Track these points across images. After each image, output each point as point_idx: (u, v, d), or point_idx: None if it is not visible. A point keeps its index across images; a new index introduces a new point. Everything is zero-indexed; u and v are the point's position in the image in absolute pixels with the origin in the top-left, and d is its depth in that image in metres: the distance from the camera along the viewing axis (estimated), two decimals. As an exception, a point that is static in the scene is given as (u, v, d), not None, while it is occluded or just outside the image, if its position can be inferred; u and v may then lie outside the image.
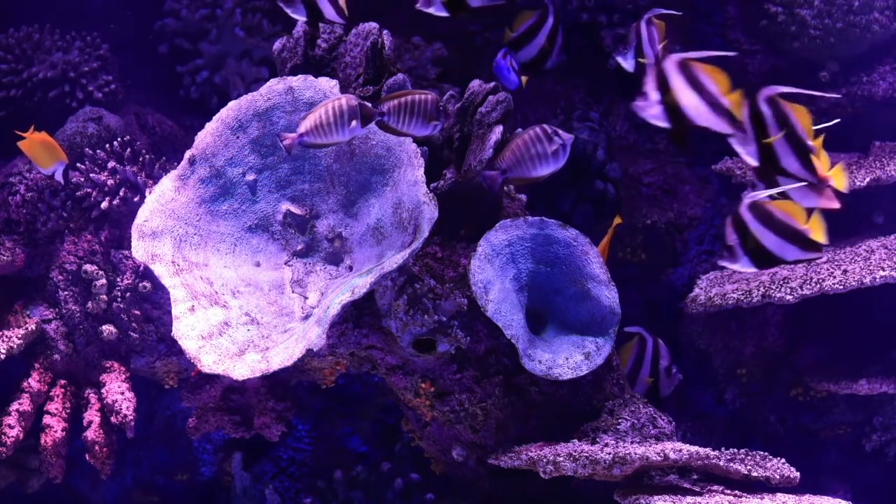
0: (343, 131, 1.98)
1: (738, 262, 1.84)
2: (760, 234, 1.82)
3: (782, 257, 1.83)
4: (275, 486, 2.79)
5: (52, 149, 2.37)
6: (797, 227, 1.82)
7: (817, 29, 2.77)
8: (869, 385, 2.50)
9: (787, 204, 1.84)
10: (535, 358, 2.20)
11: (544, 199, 2.77)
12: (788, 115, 1.83)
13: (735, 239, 1.83)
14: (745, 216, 1.82)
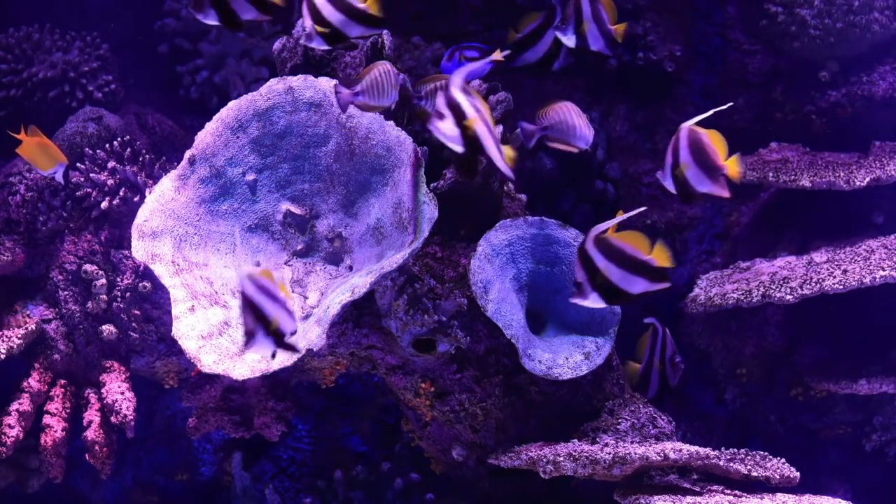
0: (391, 95, 1.98)
1: (588, 298, 1.83)
2: (607, 270, 1.80)
3: (630, 291, 1.82)
4: (275, 485, 2.79)
5: (51, 151, 2.36)
6: (642, 259, 1.81)
7: (817, 29, 2.77)
8: (869, 385, 2.50)
9: (631, 235, 1.82)
10: (535, 358, 2.20)
11: (544, 199, 2.77)
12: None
13: (583, 275, 1.81)
14: (591, 252, 1.80)
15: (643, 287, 1.82)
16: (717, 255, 2.93)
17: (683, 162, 1.87)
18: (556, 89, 3.00)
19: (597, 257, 1.80)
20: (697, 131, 1.87)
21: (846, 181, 2.53)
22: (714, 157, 1.86)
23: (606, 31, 2.14)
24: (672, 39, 2.94)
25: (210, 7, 1.91)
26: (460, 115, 1.75)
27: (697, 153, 1.87)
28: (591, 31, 2.12)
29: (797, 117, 2.88)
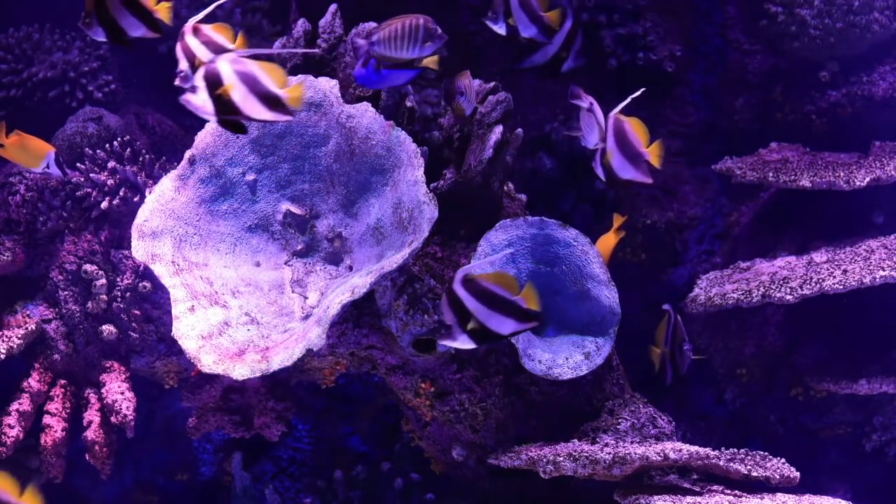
0: (412, 49, 1.96)
1: (457, 339, 1.83)
2: (476, 310, 1.80)
3: (499, 332, 1.82)
4: (275, 485, 2.79)
5: (33, 145, 2.33)
6: (511, 299, 1.81)
7: (817, 29, 2.77)
8: (869, 385, 2.50)
9: (500, 276, 1.83)
10: (535, 358, 2.20)
11: (544, 199, 2.77)
12: None
13: (451, 317, 1.81)
14: (460, 293, 1.79)
15: (512, 328, 1.83)
16: (717, 255, 2.93)
17: (609, 149, 1.89)
18: (556, 89, 3.00)
19: (466, 298, 1.79)
20: (621, 119, 1.88)
21: (846, 181, 2.52)
22: (636, 144, 1.87)
23: (538, 18, 2.13)
24: (672, 39, 2.94)
25: (97, 24, 1.88)
26: (216, 83, 1.74)
27: (621, 141, 1.88)
28: (520, 18, 2.11)
29: (797, 117, 2.88)
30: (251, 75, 1.76)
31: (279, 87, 1.78)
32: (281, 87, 1.79)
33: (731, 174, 2.74)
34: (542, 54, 2.29)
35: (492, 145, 2.23)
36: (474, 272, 1.80)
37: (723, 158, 2.79)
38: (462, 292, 1.79)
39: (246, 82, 1.76)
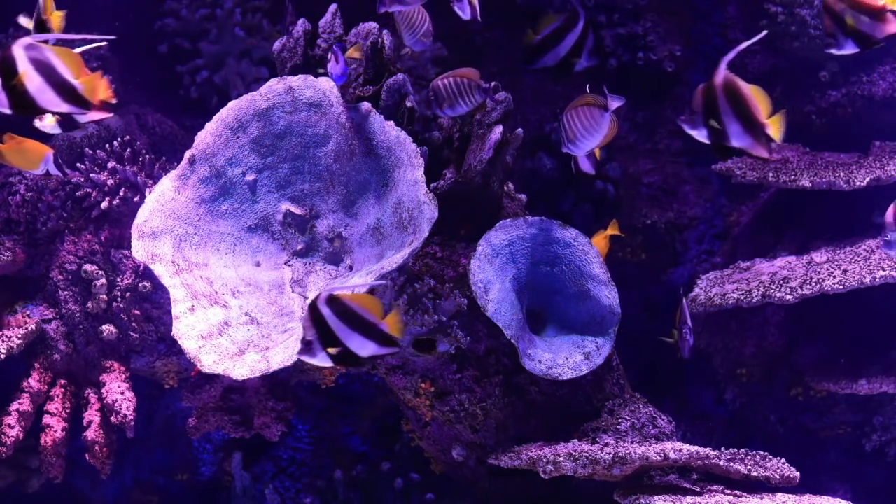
0: None
1: (316, 357, 1.83)
2: (337, 329, 1.80)
3: (360, 354, 1.82)
4: (275, 485, 2.79)
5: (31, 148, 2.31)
6: (374, 322, 1.81)
7: (817, 29, 2.77)
8: (869, 385, 2.50)
9: (366, 298, 1.83)
10: (535, 358, 2.20)
11: (544, 199, 2.77)
12: None
13: (314, 335, 1.81)
14: (323, 311, 1.80)
15: (372, 350, 1.82)
16: (717, 255, 2.93)
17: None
18: (556, 89, 3.00)
19: (329, 317, 1.80)
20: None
21: (846, 181, 2.52)
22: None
23: None
24: (672, 39, 2.94)
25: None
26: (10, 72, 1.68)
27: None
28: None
29: (797, 117, 2.88)
30: (47, 63, 1.69)
31: (75, 77, 1.71)
32: (77, 76, 1.72)
33: (731, 174, 2.74)
34: (553, 55, 2.29)
35: (492, 145, 2.23)
36: (341, 291, 1.82)
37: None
38: (326, 310, 1.80)
39: (42, 71, 1.69)
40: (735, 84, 1.79)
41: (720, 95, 1.81)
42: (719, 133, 1.85)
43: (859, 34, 1.87)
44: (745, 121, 1.82)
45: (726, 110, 1.83)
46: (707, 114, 1.85)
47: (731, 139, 1.83)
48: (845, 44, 1.89)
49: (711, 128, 1.86)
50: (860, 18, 1.88)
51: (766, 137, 1.82)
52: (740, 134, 1.83)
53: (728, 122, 1.84)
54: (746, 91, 1.80)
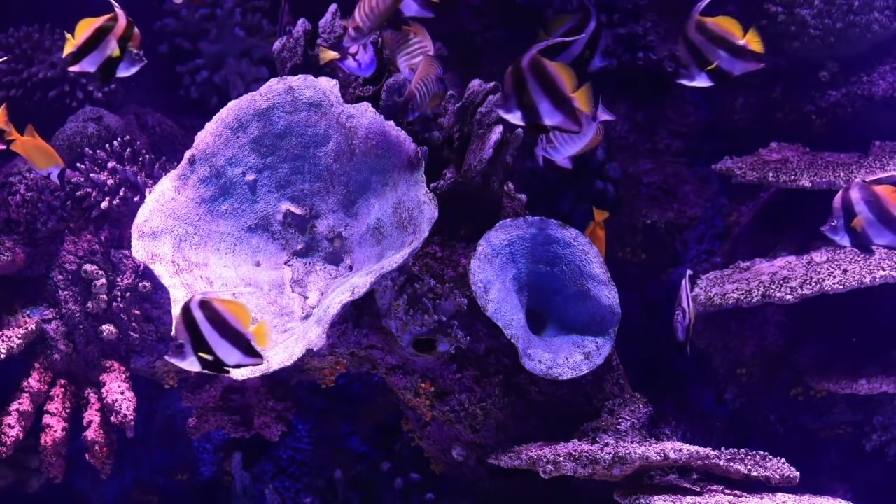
0: None
1: (186, 360, 1.84)
2: (208, 335, 1.82)
3: (227, 361, 1.84)
4: (275, 485, 2.79)
5: (48, 152, 2.35)
6: (240, 331, 1.83)
7: (817, 29, 2.77)
8: (869, 385, 2.50)
9: (235, 305, 1.85)
10: (535, 358, 2.20)
11: (544, 199, 2.77)
12: None
13: (185, 336, 1.82)
14: (196, 314, 1.81)
15: (237, 360, 1.84)
16: (717, 255, 2.93)
17: None
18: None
19: (200, 321, 1.81)
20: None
21: (846, 181, 2.52)
22: None
23: None
24: (672, 39, 2.94)
25: None
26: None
27: None
28: None
29: (797, 117, 2.88)
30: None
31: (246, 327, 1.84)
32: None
33: (731, 174, 2.74)
34: (566, 55, 2.29)
35: (492, 145, 2.23)
36: (214, 296, 1.83)
37: (723, 158, 2.79)
38: (198, 314, 1.81)
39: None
40: (541, 63, 1.83)
41: (528, 76, 1.83)
42: (532, 113, 1.87)
43: (715, 69, 1.89)
44: (554, 98, 1.84)
45: (536, 90, 1.84)
46: (518, 96, 1.86)
47: (543, 118, 1.86)
48: (698, 76, 1.91)
49: (524, 109, 1.87)
50: (718, 53, 1.90)
51: (575, 111, 1.86)
52: (551, 112, 1.86)
53: (538, 101, 1.85)
54: (552, 69, 1.83)
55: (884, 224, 1.96)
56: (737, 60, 1.94)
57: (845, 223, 1.98)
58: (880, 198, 1.96)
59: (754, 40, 1.92)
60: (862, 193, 1.95)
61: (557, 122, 1.88)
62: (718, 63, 1.92)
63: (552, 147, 2.09)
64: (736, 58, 1.93)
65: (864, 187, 1.97)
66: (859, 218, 1.94)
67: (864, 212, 1.95)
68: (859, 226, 1.95)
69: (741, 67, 1.95)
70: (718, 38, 1.92)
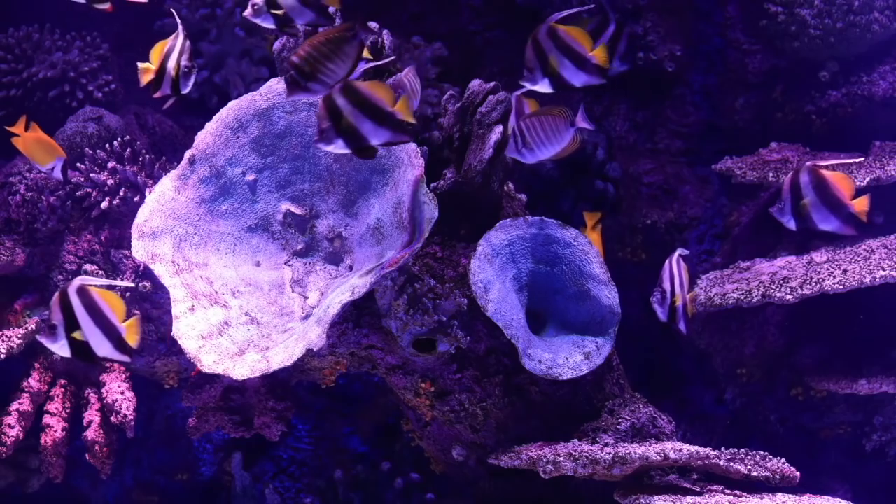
0: None
1: (57, 343, 1.87)
2: (81, 319, 1.84)
3: (97, 350, 1.87)
4: (275, 485, 2.79)
5: (49, 146, 2.35)
6: (112, 323, 1.86)
7: (817, 29, 2.77)
8: (869, 385, 2.50)
9: (110, 295, 1.87)
10: (535, 358, 2.20)
11: (544, 199, 2.77)
12: None
13: (59, 318, 1.85)
14: (73, 300, 1.83)
15: (107, 351, 1.90)
16: (717, 255, 2.93)
17: None
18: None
19: (77, 307, 1.86)
20: None
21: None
22: None
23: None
24: (672, 39, 2.94)
25: None
26: None
27: None
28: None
29: (797, 117, 2.88)
30: None
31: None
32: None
33: (731, 174, 2.74)
34: None
35: (492, 145, 2.23)
36: (92, 283, 1.84)
37: (723, 158, 2.79)
38: (75, 299, 1.83)
39: None
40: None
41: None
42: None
43: (558, 76, 1.92)
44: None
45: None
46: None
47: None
48: (541, 81, 1.94)
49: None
50: (563, 62, 1.92)
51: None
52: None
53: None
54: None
55: (829, 209, 1.97)
56: (580, 72, 1.96)
57: (792, 206, 1.99)
58: (828, 183, 1.97)
59: (601, 55, 1.94)
60: (811, 177, 1.97)
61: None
62: (562, 72, 1.95)
63: (527, 149, 2.09)
64: (580, 69, 1.96)
65: (814, 171, 1.98)
66: (805, 201, 1.96)
67: (810, 196, 1.96)
68: (805, 209, 1.96)
69: (583, 80, 1.98)
70: (566, 47, 1.94)
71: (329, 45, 1.81)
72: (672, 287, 2.10)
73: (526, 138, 2.07)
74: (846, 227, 1.99)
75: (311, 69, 1.80)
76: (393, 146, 2.10)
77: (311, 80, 1.81)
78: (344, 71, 1.83)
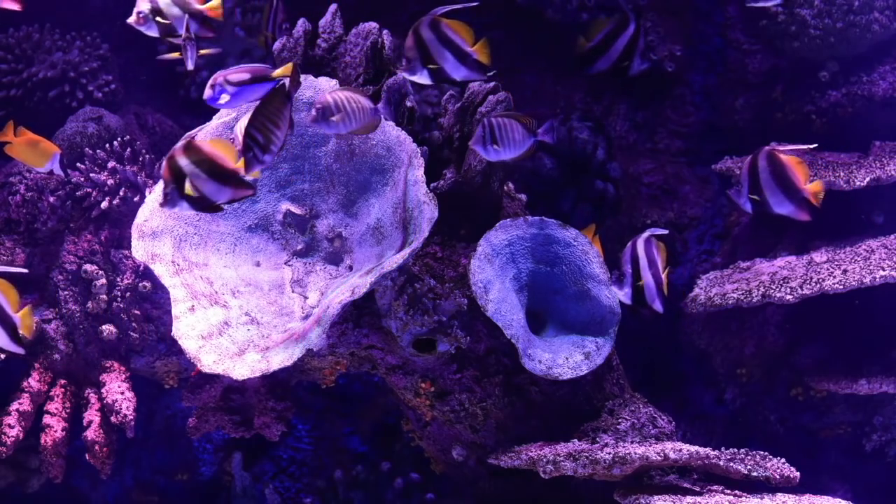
0: None
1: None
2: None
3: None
4: (275, 485, 2.79)
5: (41, 147, 2.33)
6: (9, 312, 1.88)
7: (817, 29, 2.77)
8: (869, 385, 2.50)
9: (4, 284, 1.88)
10: (535, 358, 2.20)
11: (544, 199, 2.77)
12: None
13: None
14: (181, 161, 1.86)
15: (3, 342, 1.92)
16: (717, 255, 2.93)
17: None
18: (556, 89, 3.00)
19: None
20: None
21: (846, 181, 2.52)
22: None
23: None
24: (672, 39, 2.94)
25: None
26: None
27: None
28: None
29: (797, 117, 2.88)
30: None
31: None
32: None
33: (731, 174, 2.74)
34: (606, 59, 2.29)
35: (492, 145, 2.23)
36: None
37: (723, 158, 2.79)
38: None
39: None
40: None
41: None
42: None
43: (439, 69, 1.95)
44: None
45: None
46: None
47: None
48: (419, 72, 1.96)
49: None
50: (445, 55, 1.95)
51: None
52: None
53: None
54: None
55: (784, 193, 1.98)
56: (461, 66, 1.98)
57: (748, 190, 2.00)
58: (785, 168, 1.97)
59: (483, 52, 1.96)
60: (768, 162, 1.97)
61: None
62: (443, 65, 1.96)
63: (494, 147, 2.10)
64: (461, 64, 1.97)
65: (771, 156, 1.98)
66: (761, 185, 1.96)
67: (767, 180, 1.97)
68: (761, 193, 1.97)
69: (464, 74, 1.99)
70: (448, 40, 1.95)
71: (273, 114, 1.85)
72: (636, 269, 2.08)
73: (496, 136, 2.09)
74: (800, 212, 2.00)
75: (266, 140, 1.85)
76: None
77: (265, 152, 1.86)
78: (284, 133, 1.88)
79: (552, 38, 2.95)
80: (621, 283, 2.10)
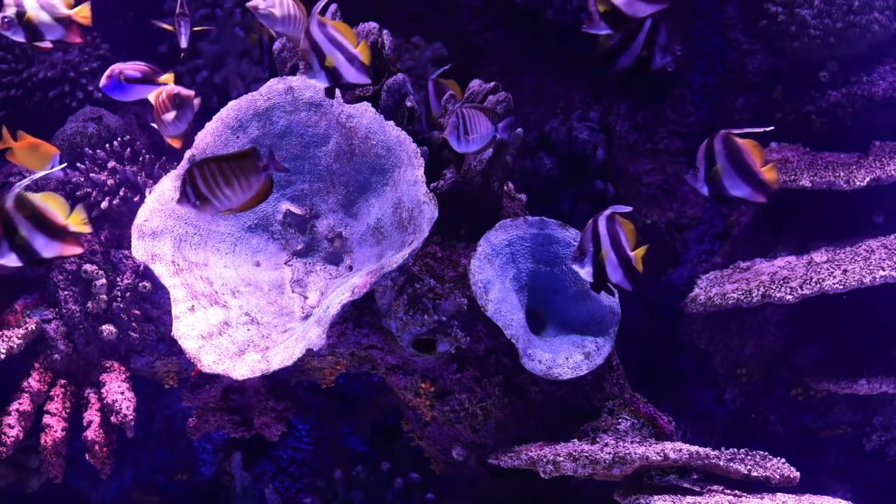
0: None
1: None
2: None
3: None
4: (275, 485, 2.79)
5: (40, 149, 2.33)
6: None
7: (817, 29, 2.77)
8: (869, 385, 2.50)
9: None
10: (535, 358, 2.20)
11: (544, 199, 2.77)
12: None
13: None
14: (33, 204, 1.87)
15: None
16: (717, 255, 2.93)
17: None
18: (556, 89, 3.00)
19: None
20: None
21: (846, 181, 2.53)
22: None
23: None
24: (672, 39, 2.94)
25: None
26: None
27: None
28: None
29: (797, 117, 2.88)
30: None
31: None
32: None
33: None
34: (628, 56, 2.30)
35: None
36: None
37: (723, 158, 2.79)
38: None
39: None
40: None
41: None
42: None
43: (333, 71, 1.98)
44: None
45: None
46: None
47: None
48: (319, 74, 1.99)
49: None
50: (337, 56, 1.97)
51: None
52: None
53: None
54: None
55: (740, 176, 1.99)
56: (350, 67, 2.00)
57: (705, 173, 2.01)
58: (741, 150, 1.98)
59: (364, 51, 1.98)
60: (723, 144, 1.98)
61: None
62: (336, 65, 1.98)
63: (465, 139, 2.11)
64: (350, 64, 1.99)
65: (727, 139, 1.99)
66: (718, 167, 1.97)
67: (723, 163, 1.98)
68: (717, 176, 1.97)
69: (353, 76, 2.02)
70: (335, 41, 1.97)
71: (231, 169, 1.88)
72: (596, 246, 2.06)
73: (468, 128, 2.09)
74: (756, 195, 2.00)
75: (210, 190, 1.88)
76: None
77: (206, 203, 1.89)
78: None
79: (552, 39, 2.95)
80: (582, 262, 2.08)
